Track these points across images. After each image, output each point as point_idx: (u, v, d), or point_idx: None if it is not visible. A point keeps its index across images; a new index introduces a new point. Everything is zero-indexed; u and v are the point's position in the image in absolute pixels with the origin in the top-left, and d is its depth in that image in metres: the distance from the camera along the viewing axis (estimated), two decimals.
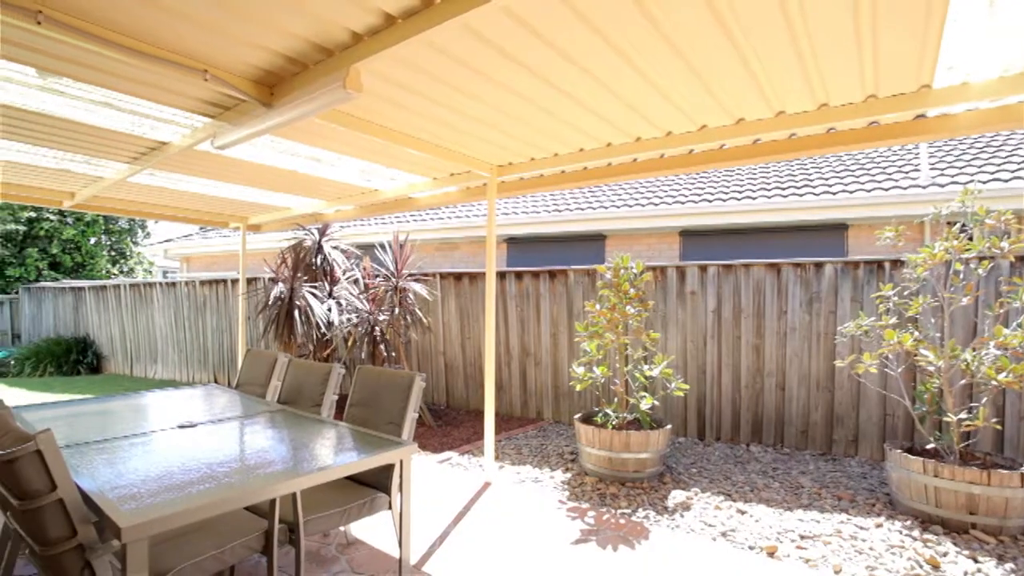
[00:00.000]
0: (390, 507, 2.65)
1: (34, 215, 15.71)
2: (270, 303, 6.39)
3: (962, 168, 6.97)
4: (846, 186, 7.22)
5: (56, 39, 2.24)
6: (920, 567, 3.00)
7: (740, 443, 5.52)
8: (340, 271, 6.98)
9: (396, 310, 6.26)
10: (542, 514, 3.66)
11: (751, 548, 3.23)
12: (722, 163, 3.76)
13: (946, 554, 3.12)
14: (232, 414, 3.20)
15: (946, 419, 3.70)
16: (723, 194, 8.12)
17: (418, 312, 6.50)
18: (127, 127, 3.51)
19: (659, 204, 8.31)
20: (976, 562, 3.03)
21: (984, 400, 3.77)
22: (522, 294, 6.76)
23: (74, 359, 11.42)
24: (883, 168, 7.61)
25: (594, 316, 4.72)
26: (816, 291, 5.24)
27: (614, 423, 4.46)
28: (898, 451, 3.76)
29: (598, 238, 8.95)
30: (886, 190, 6.77)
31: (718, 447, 5.40)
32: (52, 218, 15.94)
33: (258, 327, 8.37)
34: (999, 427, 3.92)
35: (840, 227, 7.26)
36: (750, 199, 7.62)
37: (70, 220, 16.33)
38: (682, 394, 4.75)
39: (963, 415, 3.68)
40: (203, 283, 9.75)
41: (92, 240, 17.19)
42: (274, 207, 6.28)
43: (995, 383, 3.44)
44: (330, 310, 6.38)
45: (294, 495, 2.20)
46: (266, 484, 2.02)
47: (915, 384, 4.65)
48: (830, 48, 2.36)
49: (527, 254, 9.51)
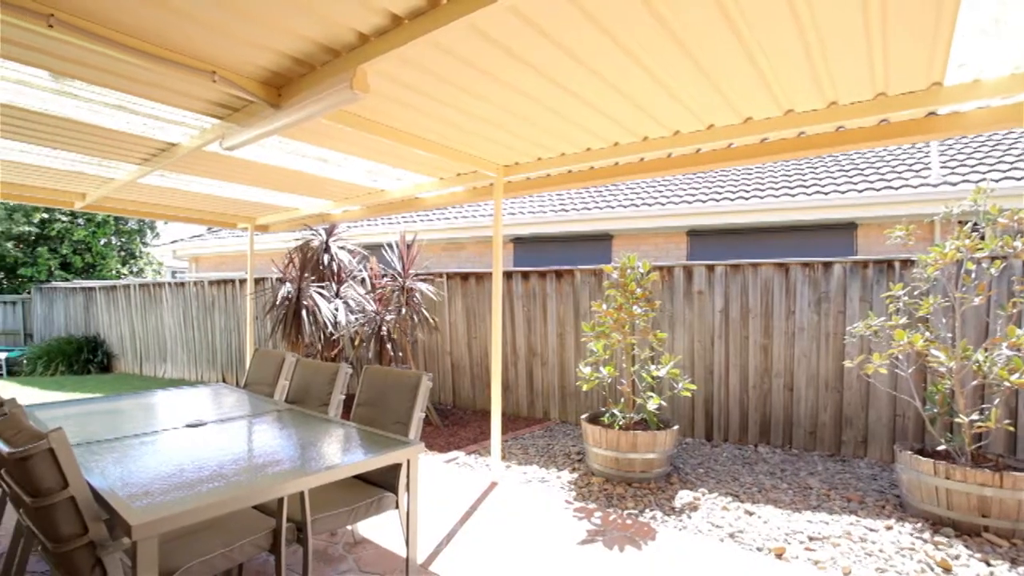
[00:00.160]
0: (397, 506, 2.65)
1: (47, 216, 15.90)
2: (278, 303, 6.43)
3: (974, 166, 6.89)
4: (855, 185, 7.15)
5: (68, 42, 2.27)
6: (931, 570, 2.96)
7: (748, 444, 5.49)
8: (347, 271, 7.01)
9: (403, 310, 6.28)
10: (549, 514, 3.66)
11: (759, 549, 3.21)
12: (730, 162, 3.74)
13: (958, 557, 3.09)
14: (240, 413, 3.22)
15: (957, 420, 3.66)
16: (731, 193, 8.07)
17: (425, 312, 6.51)
18: (137, 129, 3.54)
19: (666, 204, 8.28)
20: (989, 565, 2.99)
21: (996, 401, 3.72)
22: (529, 294, 6.75)
23: (85, 358, 11.55)
24: (893, 167, 7.53)
25: (601, 316, 4.71)
26: (825, 291, 5.20)
27: (621, 423, 4.45)
28: (908, 453, 3.72)
29: (605, 238, 8.93)
30: (896, 189, 6.70)
31: (726, 448, 5.37)
32: (64, 219, 16.12)
33: (266, 327, 8.43)
34: (1012, 429, 3.87)
35: (849, 226, 7.20)
36: (758, 198, 7.57)
37: (81, 221, 16.51)
38: (689, 394, 4.73)
39: (975, 417, 3.64)
40: (211, 283, 9.82)
41: (102, 241, 17.37)
42: (282, 207, 6.31)
43: (1008, 384, 3.39)
44: (337, 310, 6.40)
45: (302, 494, 2.22)
46: (274, 483, 2.03)
47: (926, 385, 4.60)
48: (839, 46, 2.34)
49: (533, 254, 9.51)
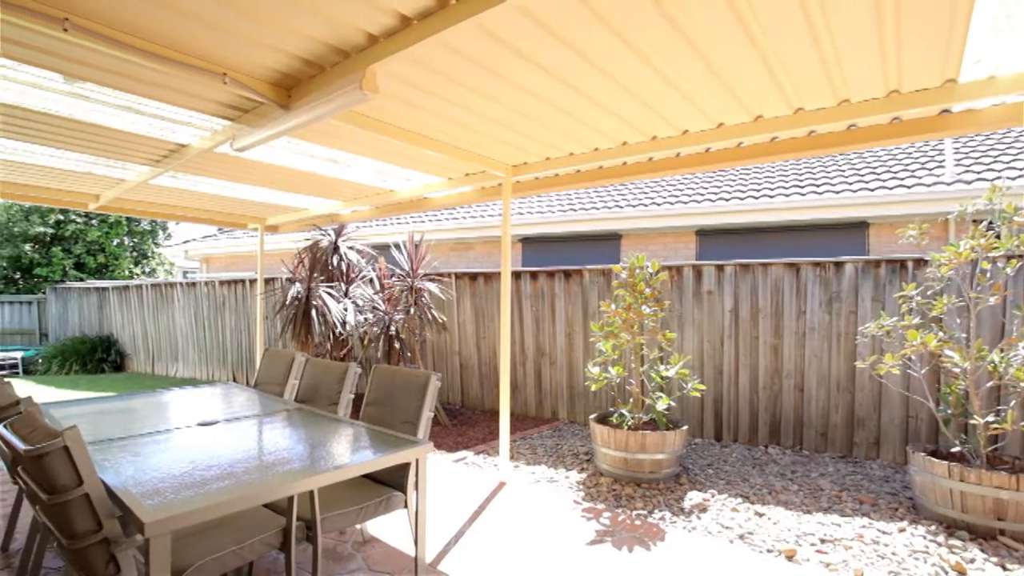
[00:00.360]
0: (406, 505, 2.66)
1: (62, 217, 16.13)
2: (287, 303, 6.47)
3: (989, 164, 6.79)
4: (867, 184, 7.08)
5: (81, 45, 2.30)
6: (945, 573, 2.92)
7: (758, 445, 5.44)
8: (356, 271, 7.04)
9: (411, 310, 6.29)
10: (557, 514, 3.65)
11: (769, 551, 3.18)
12: (739, 161, 3.72)
13: (973, 560, 3.04)
14: (250, 412, 3.25)
15: (972, 422, 3.61)
16: (740, 193, 8.01)
17: (433, 312, 6.53)
18: (149, 130, 3.58)
19: (675, 203, 8.23)
20: (1005, 569, 2.95)
21: (1013, 403, 3.66)
22: (537, 294, 6.75)
23: (98, 357, 11.70)
24: (906, 165, 7.44)
25: (609, 316, 4.69)
26: (836, 291, 5.15)
27: (630, 423, 4.43)
28: (922, 454, 3.68)
29: (613, 238, 8.90)
30: (909, 188, 6.62)
31: (735, 448, 5.34)
32: (78, 220, 16.34)
33: (276, 326, 8.49)
34: None
35: (861, 226, 7.13)
36: (768, 197, 7.51)
37: (95, 222, 16.73)
38: (699, 395, 4.70)
39: (990, 418, 3.58)
40: (222, 283, 9.91)
41: (115, 241, 17.58)
42: (291, 208, 6.35)
43: None
44: (346, 310, 6.44)
45: (311, 493, 2.23)
46: (284, 482, 2.04)
47: (939, 386, 4.54)
48: (852, 43, 2.32)
49: (542, 254, 9.50)
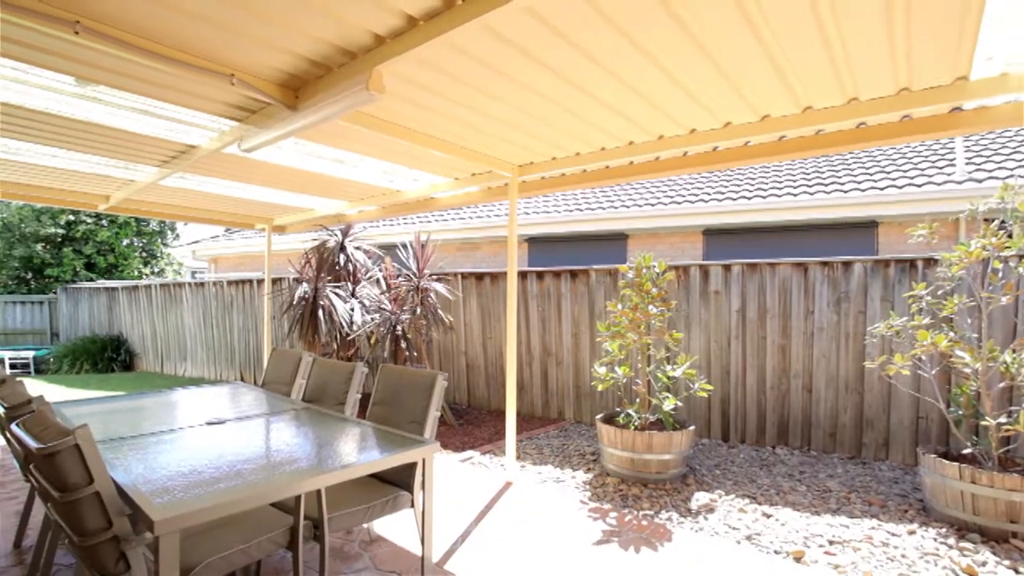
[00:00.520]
0: (412, 505, 2.67)
1: (72, 218, 16.30)
2: (295, 303, 6.50)
3: (1000, 163, 6.71)
4: (876, 183, 7.01)
5: (93, 48, 2.32)
6: None
7: (765, 445, 5.41)
8: (363, 271, 7.06)
9: (418, 310, 6.31)
10: (564, 514, 3.65)
11: (777, 552, 3.16)
12: (746, 160, 3.70)
13: (985, 564, 3.01)
14: (258, 412, 3.27)
15: (984, 423, 3.57)
16: (747, 192, 7.97)
17: (440, 312, 6.54)
18: (158, 132, 3.61)
19: (682, 203, 8.20)
20: (1017, 572, 2.91)
21: None
22: (543, 294, 6.74)
23: (108, 357, 11.82)
24: (916, 164, 7.37)
25: (616, 316, 4.68)
26: (845, 291, 5.11)
27: (636, 424, 4.42)
28: (932, 456, 3.64)
29: (620, 237, 8.88)
30: (919, 186, 6.56)
31: (743, 449, 5.31)
32: (88, 221, 16.51)
33: (283, 326, 8.53)
34: None
35: (870, 225, 7.07)
36: (775, 197, 7.47)
37: (105, 223, 16.89)
38: (706, 395, 4.68)
39: (1002, 419, 3.54)
40: (230, 283, 9.98)
41: (125, 242, 17.76)
42: (298, 208, 6.39)
43: None
44: (353, 310, 6.46)
45: (319, 492, 2.24)
46: (291, 481, 2.05)
47: (950, 387, 4.50)
48: (861, 41, 2.30)
49: (548, 254, 9.49)
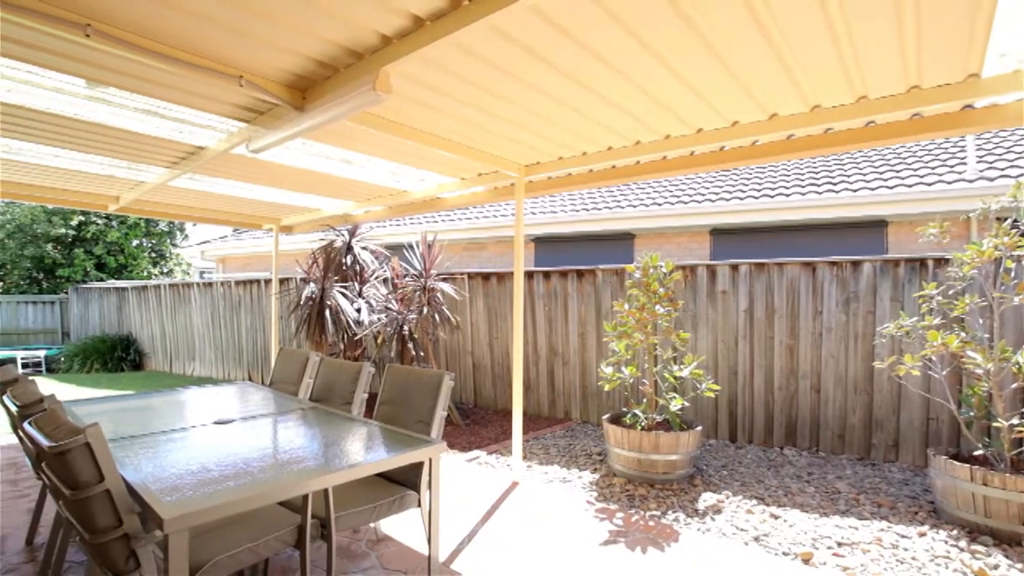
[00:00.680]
0: (419, 505, 2.67)
1: (83, 219, 16.47)
2: (302, 303, 6.54)
3: (1013, 161, 6.63)
4: (885, 181, 6.95)
5: (103, 50, 2.35)
6: None
7: (773, 446, 5.38)
8: (370, 271, 7.09)
9: (425, 310, 6.32)
10: (570, 515, 3.64)
11: (785, 554, 3.14)
12: (754, 160, 3.67)
13: (997, 567, 2.97)
14: (266, 411, 3.29)
15: (996, 425, 3.53)
16: (755, 191, 7.93)
17: (446, 312, 6.55)
18: (168, 133, 3.64)
19: (689, 202, 8.17)
20: None
21: None
22: (550, 294, 6.74)
23: (118, 356, 11.93)
24: (926, 162, 7.30)
25: (623, 316, 4.67)
26: (854, 290, 5.07)
27: (643, 424, 4.41)
28: (943, 457, 3.60)
29: (626, 237, 8.85)
30: (929, 185, 6.49)
31: (750, 450, 5.28)
32: (98, 221, 16.68)
33: (290, 326, 8.58)
34: None
35: (879, 224, 7.00)
36: (783, 196, 7.42)
37: (114, 223, 17.06)
38: (713, 395, 4.66)
39: (1015, 421, 3.50)
40: (238, 283, 10.04)
41: (134, 242, 17.92)
42: (306, 208, 6.42)
43: None
44: (360, 310, 6.48)
45: (326, 491, 2.25)
46: (299, 480, 2.06)
47: (961, 388, 4.45)
48: (870, 38, 2.28)
49: (555, 254, 9.48)
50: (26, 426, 1.87)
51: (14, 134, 3.66)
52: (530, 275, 6.85)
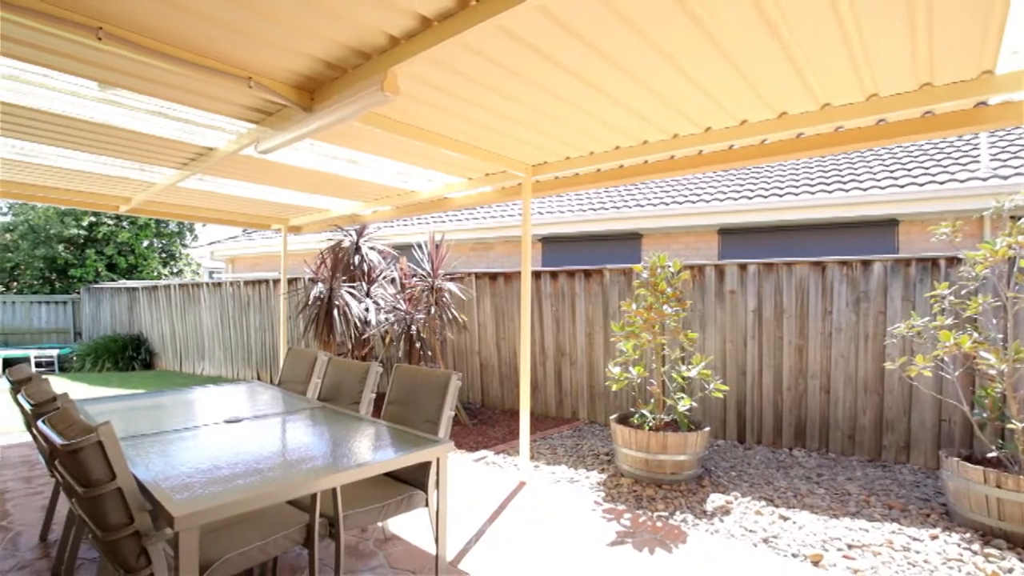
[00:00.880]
0: (427, 504, 2.68)
1: (94, 219, 16.66)
2: (310, 303, 6.57)
3: None
4: (896, 180, 6.88)
5: (114, 53, 2.37)
6: None
7: (782, 447, 5.34)
8: (377, 271, 7.11)
9: (432, 309, 6.33)
10: (577, 515, 3.64)
11: (794, 556, 3.12)
12: (763, 159, 3.65)
13: (1012, 571, 2.94)
14: (275, 410, 3.31)
15: (1010, 426, 3.48)
16: (763, 190, 7.87)
17: (454, 311, 6.56)
18: (178, 134, 3.68)
19: (696, 202, 8.12)
20: None
21: None
22: (557, 294, 6.73)
23: (129, 355, 12.06)
24: (938, 160, 7.21)
25: (630, 316, 4.65)
26: (864, 290, 5.02)
27: (651, 424, 4.39)
28: (955, 459, 3.56)
29: (634, 237, 8.82)
30: (941, 183, 6.42)
31: (759, 450, 5.24)
32: (109, 222, 16.86)
33: (299, 326, 8.63)
34: None
35: (890, 223, 6.93)
36: (792, 195, 7.36)
37: (125, 224, 17.24)
38: (721, 395, 4.63)
39: None
40: (247, 283, 10.11)
41: (145, 243, 18.09)
42: (314, 209, 6.45)
43: None
44: (368, 309, 6.51)
45: (334, 490, 2.26)
46: (307, 479, 2.07)
47: (974, 388, 4.40)
48: (881, 36, 2.25)
49: (562, 253, 9.47)
50: (40, 424, 1.89)
51: (28, 136, 3.71)
52: (537, 275, 6.85)
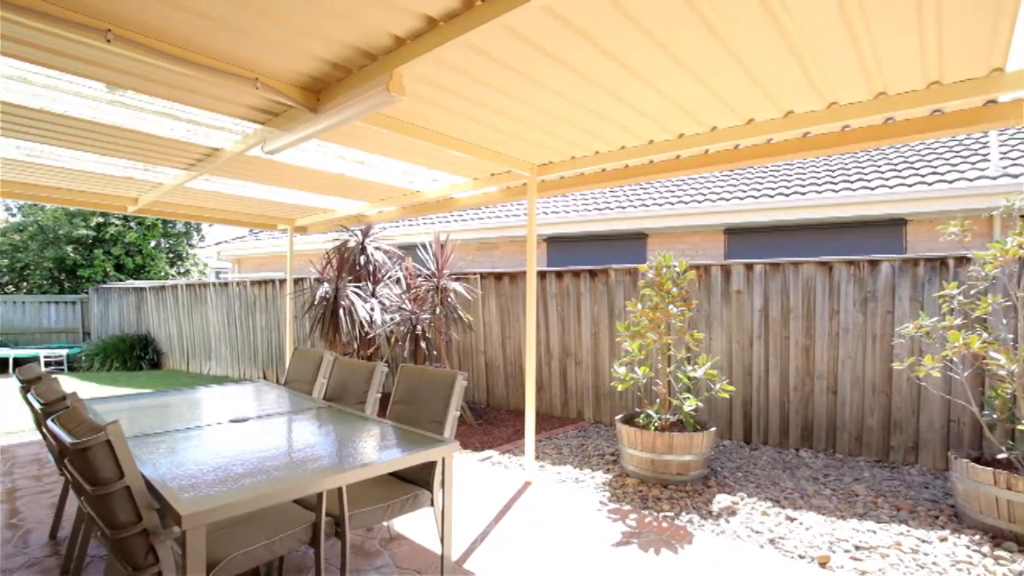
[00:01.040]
0: (432, 504, 2.68)
1: (102, 220, 16.79)
2: (316, 303, 6.60)
3: None
4: (904, 179, 6.83)
5: (123, 55, 2.39)
6: None
7: (789, 447, 5.31)
8: (383, 271, 7.13)
9: (437, 309, 6.34)
10: (583, 515, 3.63)
11: (801, 557, 3.10)
12: (769, 158, 3.63)
13: (1022, 574, 2.91)
14: (281, 410, 3.32)
15: (1020, 427, 3.44)
16: (770, 190, 7.83)
17: (459, 311, 6.56)
18: (185, 135, 3.70)
19: (702, 201, 8.09)
20: None
21: None
22: (563, 293, 6.72)
23: (136, 355, 12.14)
24: (947, 159, 7.16)
25: (636, 316, 4.64)
26: (871, 290, 4.99)
27: (656, 424, 4.38)
28: (965, 460, 3.53)
29: (640, 237, 8.80)
30: (950, 182, 6.36)
31: (765, 451, 5.22)
32: (117, 223, 16.98)
33: (305, 326, 8.66)
34: None
35: (898, 223, 6.88)
36: (799, 195, 7.32)
37: (132, 224, 17.35)
38: (727, 396, 4.61)
39: None
40: (253, 283, 10.16)
41: (152, 243, 18.20)
42: (320, 209, 6.47)
43: None
44: (373, 309, 6.53)
45: (340, 489, 2.27)
46: (313, 478, 2.08)
47: (983, 389, 4.36)
48: (889, 34, 2.24)
49: (567, 253, 9.46)
50: (49, 423, 1.91)
51: (38, 138, 3.74)
52: (543, 275, 6.84)
